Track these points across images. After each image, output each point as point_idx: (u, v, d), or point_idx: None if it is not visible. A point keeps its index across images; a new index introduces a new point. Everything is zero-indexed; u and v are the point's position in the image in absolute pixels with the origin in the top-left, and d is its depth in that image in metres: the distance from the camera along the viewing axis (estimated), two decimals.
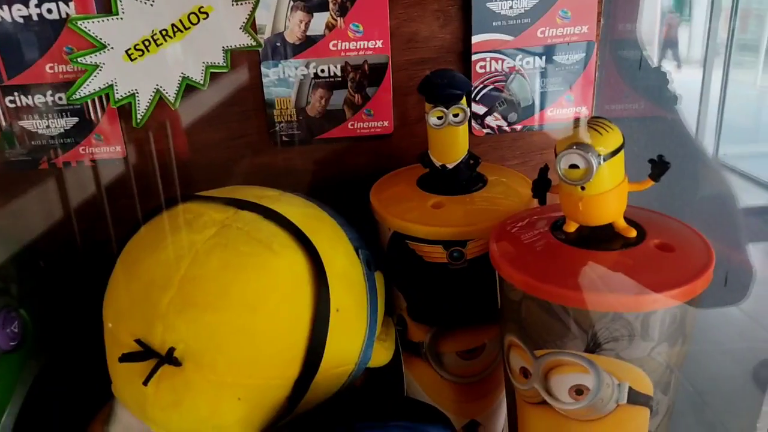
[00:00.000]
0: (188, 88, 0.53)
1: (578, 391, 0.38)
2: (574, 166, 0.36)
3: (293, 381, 0.38)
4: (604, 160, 0.36)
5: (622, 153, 0.38)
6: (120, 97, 0.51)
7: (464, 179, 0.49)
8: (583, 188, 0.37)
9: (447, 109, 0.45)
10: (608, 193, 0.37)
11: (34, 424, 0.45)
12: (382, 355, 0.46)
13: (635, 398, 0.37)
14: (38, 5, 0.50)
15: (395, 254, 0.48)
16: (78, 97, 0.51)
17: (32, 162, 0.54)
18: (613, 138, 0.37)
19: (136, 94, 0.52)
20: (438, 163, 0.48)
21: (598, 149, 0.36)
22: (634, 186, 0.39)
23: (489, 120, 0.57)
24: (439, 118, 0.46)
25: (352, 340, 0.43)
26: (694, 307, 0.37)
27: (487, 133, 0.58)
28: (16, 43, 0.51)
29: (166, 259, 0.37)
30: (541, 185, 0.40)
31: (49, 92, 0.52)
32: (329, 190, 0.52)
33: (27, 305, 0.46)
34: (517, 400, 0.43)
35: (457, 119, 0.46)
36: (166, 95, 0.52)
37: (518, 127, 0.58)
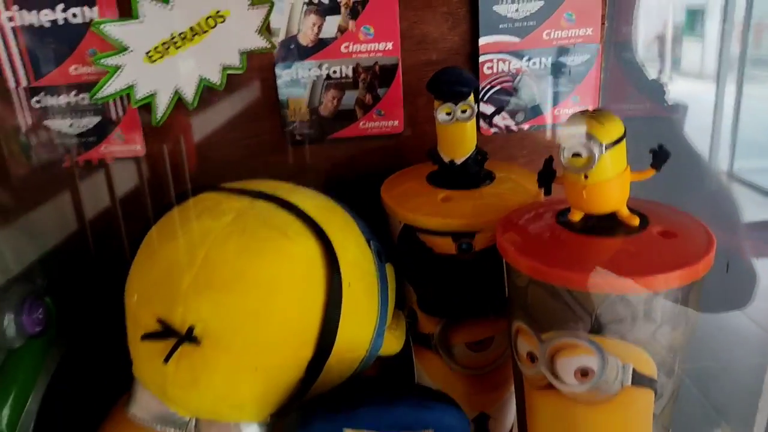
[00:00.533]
0: (206, 88, 0.55)
1: (583, 372, 0.39)
2: (577, 155, 0.38)
3: (306, 363, 0.40)
4: (606, 149, 0.37)
5: (623, 143, 0.39)
6: (140, 97, 0.54)
7: (472, 174, 0.50)
8: (586, 177, 0.38)
9: (455, 105, 0.47)
10: (611, 181, 0.39)
11: (58, 408, 0.47)
12: (392, 344, 0.48)
13: (640, 380, 0.38)
14: (64, 10, 0.53)
15: (406, 247, 0.50)
16: (100, 96, 0.53)
17: (56, 160, 0.57)
18: (614, 128, 0.38)
19: (156, 95, 0.54)
20: (447, 159, 0.50)
21: (600, 138, 0.37)
22: (636, 175, 0.40)
23: (497, 120, 0.59)
24: (448, 114, 0.48)
25: (364, 327, 0.44)
26: (697, 292, 0.38)
27: (495, 133, 0.60)
28: (42, 46, 0.54)
29: (186, 244, 0.38)
30: (547, 175, 0.42)
31: (73, 92, 0.54)
32: (341, 188, 0.54)
33: (51, 294, 0.48)
34: (524, 387, 0.44)
35: (465, 115, 0.48)
36: (185, 96, 0.54)
37: (525, 126, 0.60)
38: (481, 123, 0.59)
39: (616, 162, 0.38)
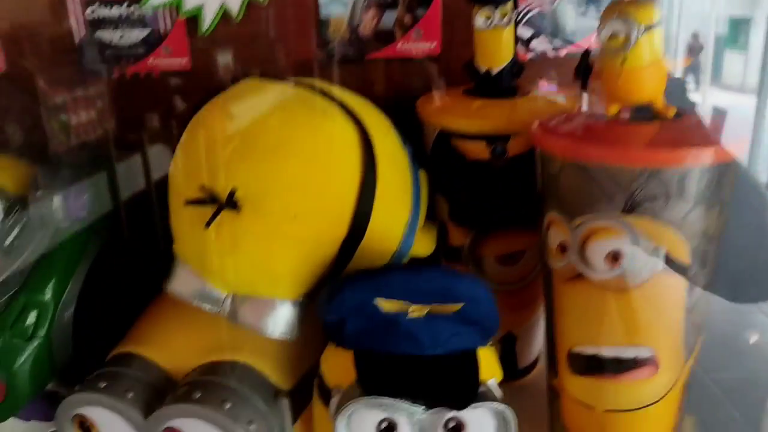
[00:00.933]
0: (250, 2, 0.56)
1: (614, 256, 0.39)
2: (614, 36, 0.38)
3: (341, 241, 0.41)
4: (643, 32, 0.38)
5: (660, 31, 0.39)
6: (188, 8, 0.56)
7: (508, 84, 0.51)
8: (623, 62, 0.39)
9: (495, 8, 0.48)
10: (647, 68, 0.39)
11: (98, 294, 0.49)
12: (423, 246, 0.48)
13: (672, 266, 0.38)
14: None
15: (440, 155, 0.50)
16: (151, 5, 0.55)
17: (105, 71, 0.59)
18: (651, 12, 0.38)
19: (203, 6, 0.56)
20: (483, 69, 0.51)
21: (637, 19, 0.38)
22: None
23: (534, 44, 0.59)
24: (487, 18, 0.48)
25: (397, 220, 0.45)
26: (730, 178, 0.38)
27: (531, 59, 0.60)
28: None
29: (230, 118, 0.40)
30: (584, 68, 0.42)
31: (125, 4, 0.57)
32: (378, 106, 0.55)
33: (93, 189, 0.50)
34: (554, 283, 0.44)
35: (504, 21, 0.48)
36: (230, 8, 0.56)
37: (562, 53, 0.60)
38: (519, 46, 0.59)
39: (653, 48, 0.39)
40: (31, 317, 0.44)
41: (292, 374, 0.45)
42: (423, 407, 0.38)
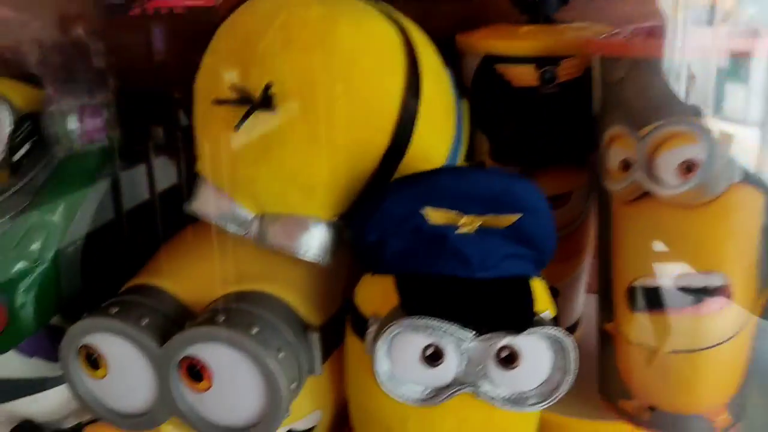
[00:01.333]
0: None
1: (688, 167, 0.35)
2: None
3: (382, 153, 0.37)
4: None
5: None
6: None
7: (556, 8, 0.47)
8: None
9: None
10: None
11: (111, 223, 0.46)
12: None
13: (751, 176, 0.34)
14: None
15: (483, 83, 0.47)
16: None
17: (124, 6, 0.56)
18: None
19: None
20: None
21: None
22: None
23: None
24: None
25: (440, 140, 0.42)
26: None
27: None
28: None
29: (264, 13, 0.37)
30: None
31: None
32: None
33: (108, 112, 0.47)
34: (612, 211, 0.40)
35: None
36: None
37: None
38: None
39: None
40: (38, 239, 0.40)
41: (322, 310, 0.41)
42: (474, 333, 0.34)
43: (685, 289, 0.37)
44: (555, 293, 0.51)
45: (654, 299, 0.39)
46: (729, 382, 0.40)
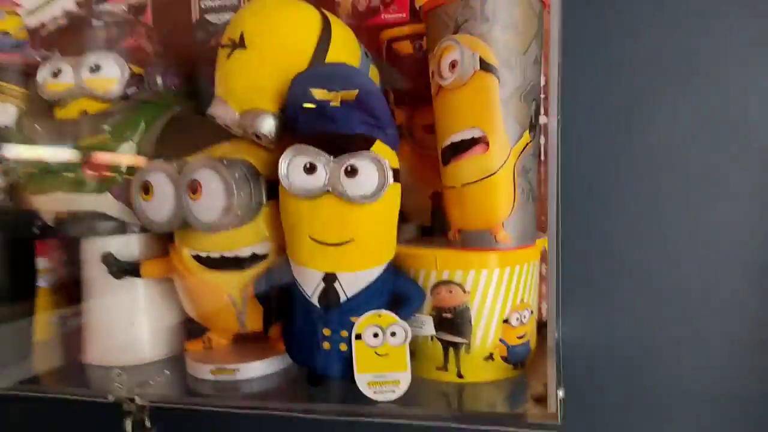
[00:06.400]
0: None
1: (452, 64, 0.62)
2: None
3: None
4: None
5: None
6: None
7: None
8: None
9: None
10: None
11: (171, 137, 0.79)
12: None
13: (485, 66, 0.61)
14: None
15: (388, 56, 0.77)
16: None
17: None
18: None
19: None
20: None
21: None
22: None
23: None
24: None
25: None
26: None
27: None
28: None
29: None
30: None
31: None
32: None
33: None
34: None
35: None
36: None
37: None
38: None
39: None
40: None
41: (270, 172, 0.71)
42: (332, 156, 0.62)
43: (462, 141, 0.62)
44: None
45: (450, 152, 0.64)
46: (501, 205, 0.63)
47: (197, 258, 0.72)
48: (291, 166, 0.63)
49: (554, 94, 0.55)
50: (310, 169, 0.63)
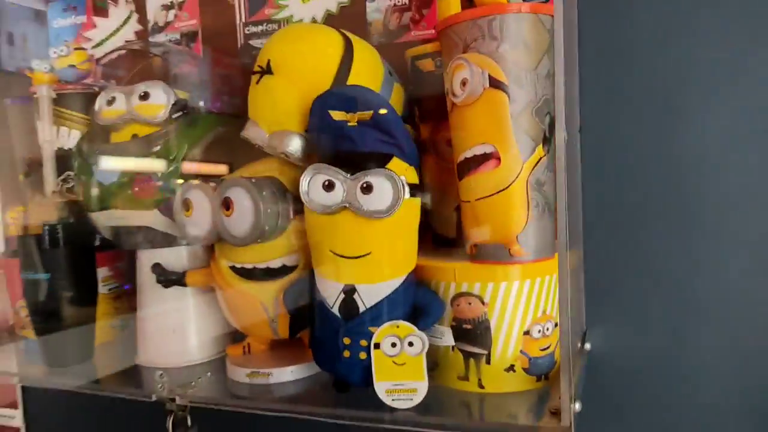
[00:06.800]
0: None
1: (463, 82, 0.64)
2: None
3: None
4: None
5: None
6: None
7: None
8: None
9: None
10: None
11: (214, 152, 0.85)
12: None
13: (494, 83, 0.62)
14: None
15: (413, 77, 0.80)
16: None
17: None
18: None
19: None
20: None
21: None
22: None
23: None
24: None
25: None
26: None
27: None
28: None
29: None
30: None
31: (265, 24, 0.99)
32: None
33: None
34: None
35: None
36: None
37: None
38: None
39: None
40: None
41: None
42: (349, 174, 0.65)
43: (474, 156, 0.64)
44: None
45: (464, 166, 0.66)
46: (515, 219, 0.64)
47: (233, 269, 0.77)
48: (311, 184, 0.67)
49: (560, 108, 0.56)
50: (329, 186, 0.66)
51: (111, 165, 0.82)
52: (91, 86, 0.90)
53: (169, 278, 0.84)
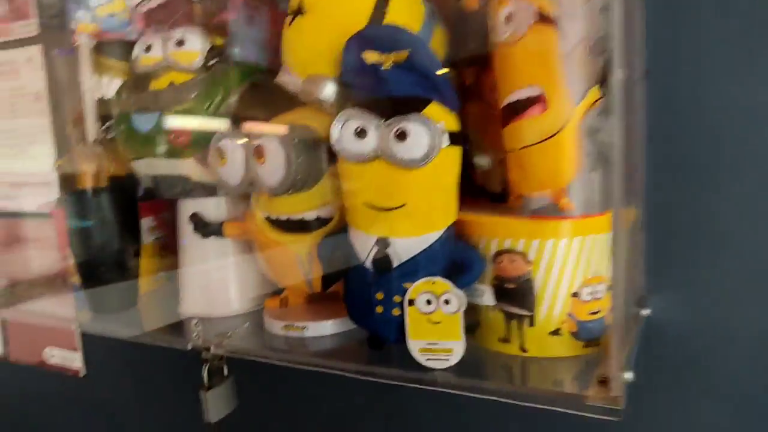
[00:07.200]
0: None
1: (507, 17, 0.58)
2: None
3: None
4: None
5: None
6: None
7: None
8: None
9: None
10: None
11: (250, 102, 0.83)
12: None
13: (543, 18, 0.56)
14: None
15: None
16: None
17: None
18: None
19: None
20: None
21: None
22: None
23: None
24: None
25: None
26: None
27: None
28: None
29: None
30: None
31: None
32: None
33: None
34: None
35: None
36: None
37: None
38: None
39: None
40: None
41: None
42: (383, 120, 0.61)
43: (518, 101, 0.58)
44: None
45: (508, 111, 0.60)
46: (563, 170, 0.58)
47: (269, 220, 0.75)
48: (343, 131, 0.63)
49: (617, 44, 0.49)
50: (361, 133, 0.62)
51: (149, 113, 0.81)
52: (131, 34, 0.89)
53: (206, 228, 0.84)
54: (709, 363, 0.74)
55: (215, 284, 0.87)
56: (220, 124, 0.80)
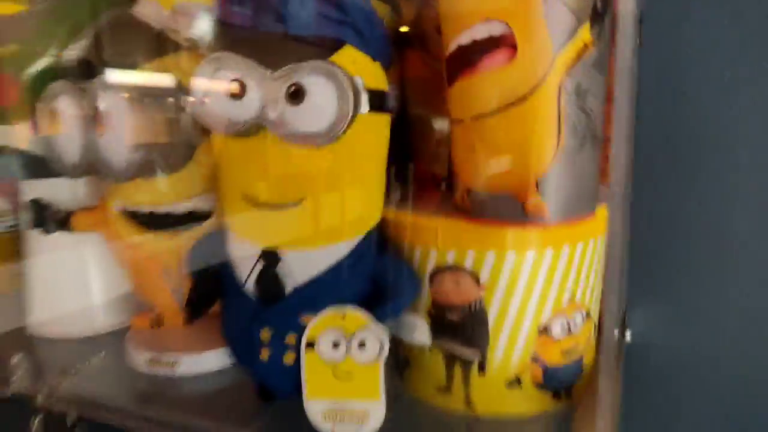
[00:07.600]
0: None
1: None
2: None
3: None
4: None
5: None
6: None
7: None
8: None
9: None
10: None
11: None
12: None
13: None
14: None
15: None
16: None
17: None
18: None
19: None
20: None
21: None
22: None
23: None
24: None
25: None
26: None
27: None
28: None
29: None
30: None
31: None
32: None
33: None
34: None
35: None
36: None
37: None
38: None
39: None
40: None
41: None
42: (270, 70, 0.40)
43: (473, 44, 0.38)
44: None
45: (456, 64, 0.39)
46: (535, 151, 0.38)
47: (125, 213, 0.54)
48: (211, 86, 0.42)
49: None
50: (238, 89, 0.41)
51: None
52: None
53: (47, 221, 0.61)
54: (697, 389, 0.58)
55: (70, 294, 0.65)
56: (61, 75, 0.58)
